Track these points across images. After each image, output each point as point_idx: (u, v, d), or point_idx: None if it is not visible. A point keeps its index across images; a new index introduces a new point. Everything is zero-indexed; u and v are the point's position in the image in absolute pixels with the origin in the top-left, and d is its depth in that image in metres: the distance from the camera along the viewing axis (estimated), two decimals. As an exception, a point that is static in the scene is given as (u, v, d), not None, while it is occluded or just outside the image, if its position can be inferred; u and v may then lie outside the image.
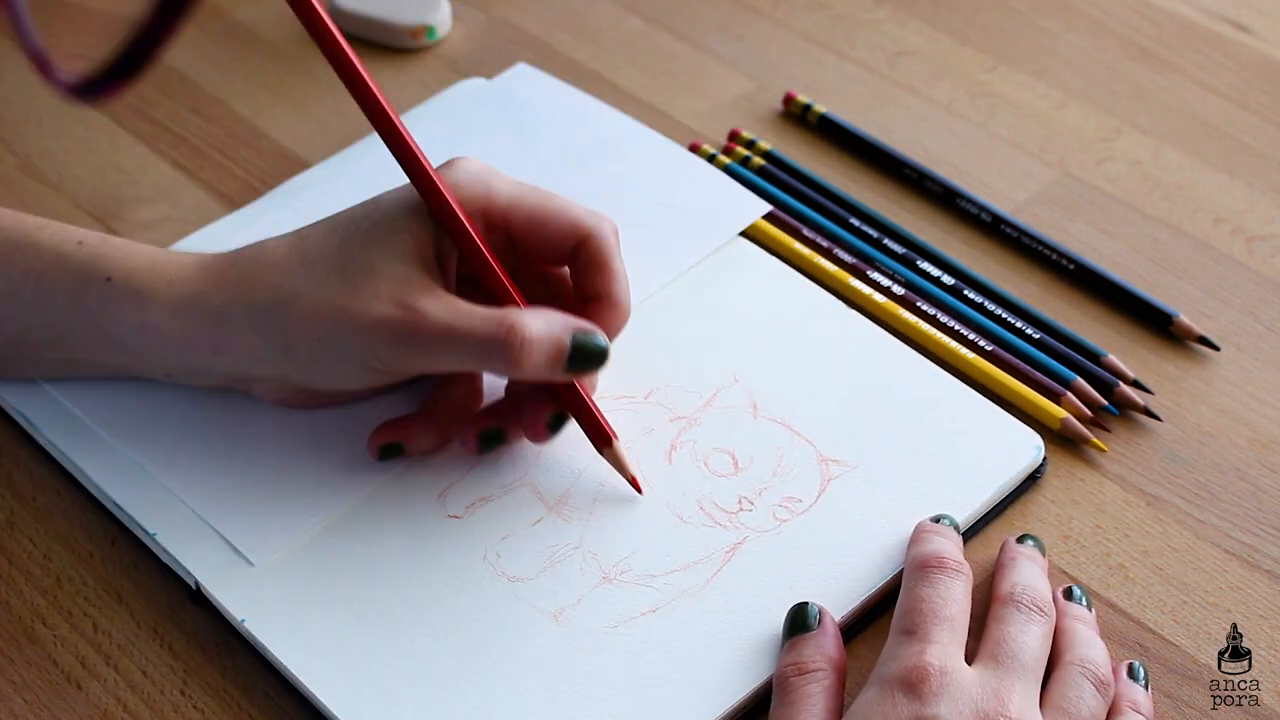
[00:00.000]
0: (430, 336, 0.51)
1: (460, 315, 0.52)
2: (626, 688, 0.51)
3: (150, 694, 0.52)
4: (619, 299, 0.56)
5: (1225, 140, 0.74)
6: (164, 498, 0.56)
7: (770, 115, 0.76)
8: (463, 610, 0.53)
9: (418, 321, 0.51)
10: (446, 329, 0.51)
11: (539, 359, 0.52)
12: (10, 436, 0.60)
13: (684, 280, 0.65)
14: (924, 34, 0.80)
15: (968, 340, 0.63)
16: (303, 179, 0.70)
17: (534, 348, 0.52)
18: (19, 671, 0.53)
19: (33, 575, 0.56)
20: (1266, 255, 0.68)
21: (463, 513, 0.56)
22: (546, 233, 0.55)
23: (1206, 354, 0.63)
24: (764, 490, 0.56)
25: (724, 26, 0.81)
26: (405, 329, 0.51)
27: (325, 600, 0.53)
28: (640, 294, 0.64)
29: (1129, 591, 0.55)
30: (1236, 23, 0.81)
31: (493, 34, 0.81)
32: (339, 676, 0.51)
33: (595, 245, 0.55)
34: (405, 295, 0.52)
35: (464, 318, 0.52)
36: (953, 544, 0.53)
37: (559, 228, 0.55)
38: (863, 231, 0.68)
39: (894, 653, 0.48)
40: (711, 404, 0.60)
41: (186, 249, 0.66)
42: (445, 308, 0.52)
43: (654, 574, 0.54)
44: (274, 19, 0.82)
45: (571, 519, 0.56)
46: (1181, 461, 0.59)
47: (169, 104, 0.76)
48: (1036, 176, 0.72)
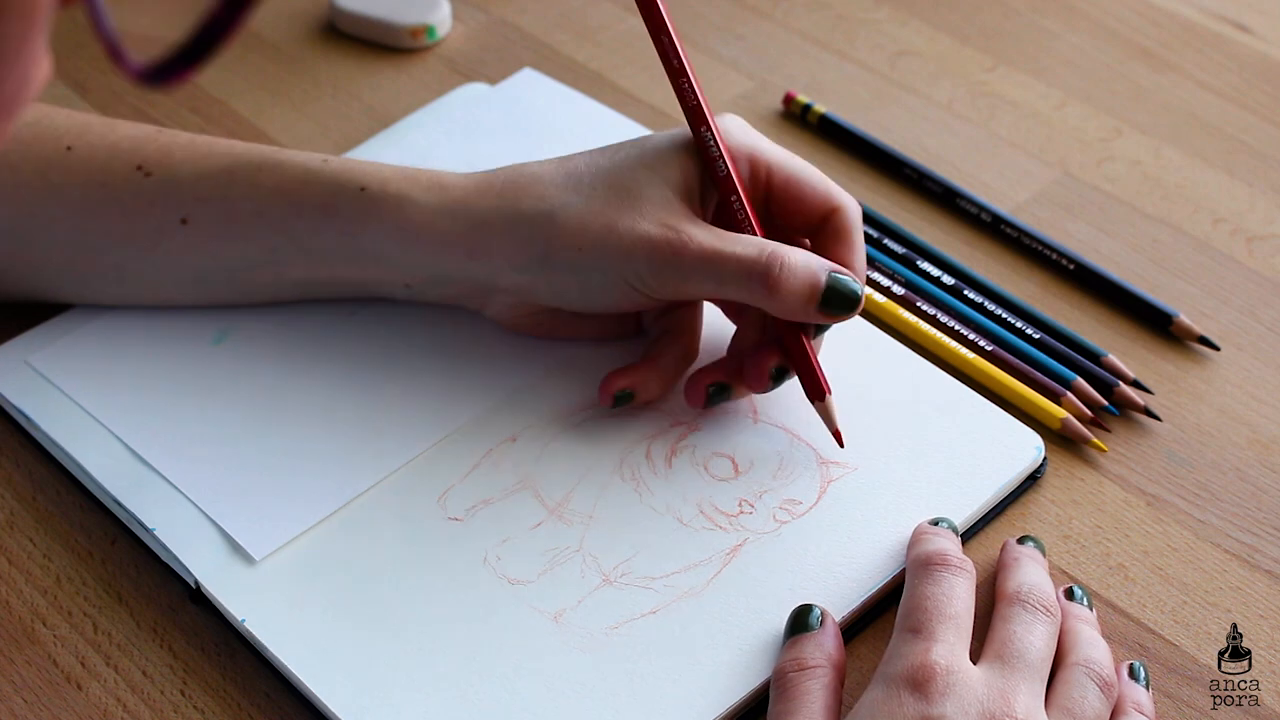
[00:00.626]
0: (695, 257, 0.53)
1: (724, 240, 0.54)
2: (626, 688, 0.51)
3: (150, 694, 0.52)
4: (859, 270, 0.57)
5: (1225, 140, 0.74)
6: (164, 495, 0.56)
7: (770, 115, 0.76)
8: (463, 611, 0.53)
9: (684, 241, 0.53)
10: (712, 251, 0.53)
11: (798, 288, 0.53)
12: (10, 436, 0.60)
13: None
14: (924, 34, 0.80)
15: (968, 340, 0.63)
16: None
17: (794, 276, 0.53)
18: (19, 671, 0.53)
19: (33, 575, 0.56)
20: (1266, 255, 0.68)
21: (463, 515, 0.56)
22: (802, 194, 0.57)
23: (1206, 354, 0.63)
24: (764, 493, 0.56)
25: (724, 26, 0.81)
26: (671, 247, 0.53)
27: (325, 600, 0.53)
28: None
29: (1129, 591, 0.55)
30: (1236, 23, 0.81)
31: (493, 34, 0.81)
32: (339, 676, 0.51)
33: (844, 217, 0.57)
34: (670, 218, 0.54)
35: (728, 243, 0.54)
36: (953, 544, 0.53)
37: (815, 193, 0.57)
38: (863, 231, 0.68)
39: (899, 651, 0.48)
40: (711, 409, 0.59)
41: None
42: (709, 233, 0.54)
43: (654, 576, 0.54)
44: (274, 19, 0.82)
45: (572, 522, 0.56)
46: (1181, 461, 0.59)
47: (169, 104, 0.76)
48: (1036, 176, 0.72)
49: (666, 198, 0.55)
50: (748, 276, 0.53)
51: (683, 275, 0.54)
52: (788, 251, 0.54)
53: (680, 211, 0.55)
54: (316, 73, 0.79)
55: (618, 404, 0.58)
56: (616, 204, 0.54)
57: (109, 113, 0.75)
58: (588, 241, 0.54)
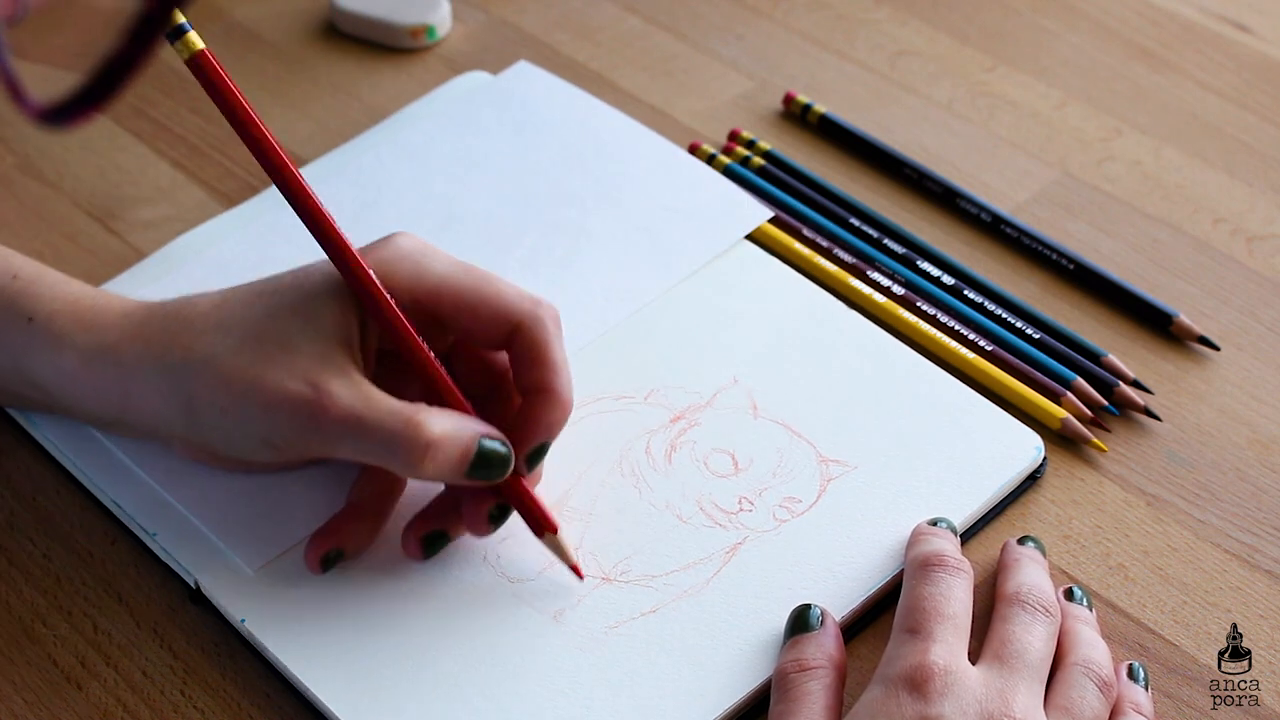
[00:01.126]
0: (334, 422, 0.49)
1: (369, 405, 0.50)
2: (626, 688, 0.51)
3: (150, 694, 0.52)
4: (559, 392, 0.53)
5: (1225, 140, 0.74)
6: (164, 498, 0.56)
7: (770, 115, 0.76)
8: (463, 610, 0.53)
9: (324, 404, 0.49)
10: (353, 417, 0.49)
11: (442, 462, 0.50)
12: (10, 436, 0.60)
13: (684, 281, 0.65)
14: (924, 34, 0.80)
15: (968, 340, 0.63)
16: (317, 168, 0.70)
17: (438, 449, 0.49)
18: (19, 671, 0.53)
19: (33, 575, 0.56)
20: (1266, 255, 0.68)
21: (463, 513, 0.56)
22: (477, 318, 0.52)
23: (1206, 354, 0.63)
24: (764, 491, 0.56)
25: (724, 26, 0.81)
26: (310, 410, 0.49)
27: (325, 600, 0.53)
28: (638, 300, 0.64)
29: (1129, 591, 0.55)
30: (1236, 23, 0.81)
31: (493, 34, 0.81)
32: (339, 676, 0.51)
33: (530, 335, 0.52)
34: (319, 374, 0.50)
35: (372, 408, 0.50)
36: (951, 544, 0.53)
37: (491, 313, 0.52)
38: (863, 231, 0.68)
39: (898, 651, 0.48)
40: (711, 404, 0.60)
41: (186, 246, 0.66)
42: (355, 394, 0.50)
43: (654, 574, 0.54)
44: (274, 19, 0.82)
45: (571, 520, 0.56)
46: (1181, 461, 0.59)
47: (169, 104, 0.76)
48: (1036, 176, 0.72)
49: (320, 350, 0.50)
50: (388, 450, 0.50)
51: (324, 439, 0.50)
52: (434, 422, 0.49)
53: (333, 364, 0.50)
54: (316, 73, 0.79)
55: (327, 567, 0.53)
56: (264, 357, 0.50)
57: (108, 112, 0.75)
58: (229, 400, 0.50)
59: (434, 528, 0.54)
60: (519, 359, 0.53)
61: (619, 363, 0.61)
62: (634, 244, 0.65)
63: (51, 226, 0.70)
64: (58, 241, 0.69)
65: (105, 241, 0.69)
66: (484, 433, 0.51)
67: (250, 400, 0.50)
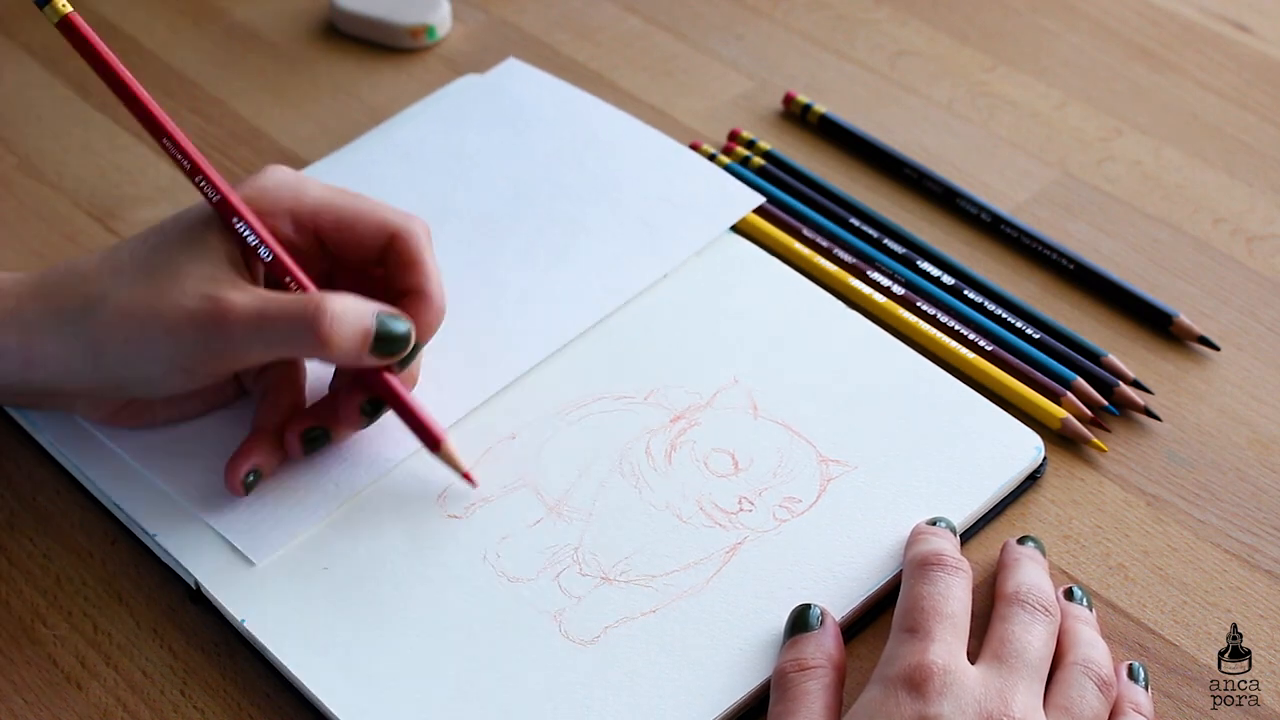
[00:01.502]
0: (238, 323, 0.52)
1: (267, 300, 0.52)
2: (627, 688, 0.51)
3: (150, 694, 0.52)
4: (432, 293, 0.56)
5: (1225, 140, 0.74)
6: (164, 498, 0.56)
7: (770, 115, 0.76)
8: (463, 610, 0.53)
9: (223, 310, 0.52)
10: (254, 314, 0.52)
11: (347, 334, 0.52)
12: (10, 436, 0.60)
13: (684, 280, 0.65)
14: (924, 34, 0.80)
15: (968, 340, 0.63)
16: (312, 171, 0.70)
17: (341, 323, 0.52)
18: (19, 671, 0.53)
19: (33, 575, 0.56)
20: (1266, 255, 0.68)
21: (462, 513, 0.56)
22: (355, 233, 0.56)
23: (1206, 354, 0.63)
24: (764, 490, 0.56)
25: (724, 26, 0.81)
26: (212, 319, 0.52)
27: (325, 600, 0.53)
28: (636, 287, 0.64)
29: (1129, 591, 0.55)
30: (1236, 23, 0.81)
31: (493, 34, 0.81)
32: (339, 676, 0.51)
33: (404, 243, 0.56)
34: (212, 289, 0.52)
35: (270, 302, 0.52)
36: (950, 543, 0.53)
37: (367, 227, 0.56)
38: (863, 231, 0.68)
39: (896, 651, 0.48)
40: (711, 404, 0.60)
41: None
42: (252, 296, 0.52)
43: (654, 574, 0.54)
44: (274, 19, 0.82)
45: (571, 520, 0.56)
46: (1181, 461, 0.59)
47: (169, 104, 0.76)
48: (1036, 176, 0.72)
49: (209, 272, 0.53)
50: (294, 332, 0.52)
51: (231, 344, 0.52)
52: (333, 299, 0.52)
53: (224, 280, 0.53)
54: (316, 73, 0.79)
55: (249, 489, 0.55)
56: (157, 286, 0.52)
57: (108, 113, 0.75)
58: (131, 329, 0.52)
59: (312, 423, 0.56)
60: (394, 266, 0.56)
61: (619, 362, 0.61)
62: (628, 233, 0.65)
63: (51, 226, 0.70)
64: (58, 241, 0.69)
65: (105, 241, 0.69)
66: (381, 308, 0.54)
67: (152, 325, 0.52)
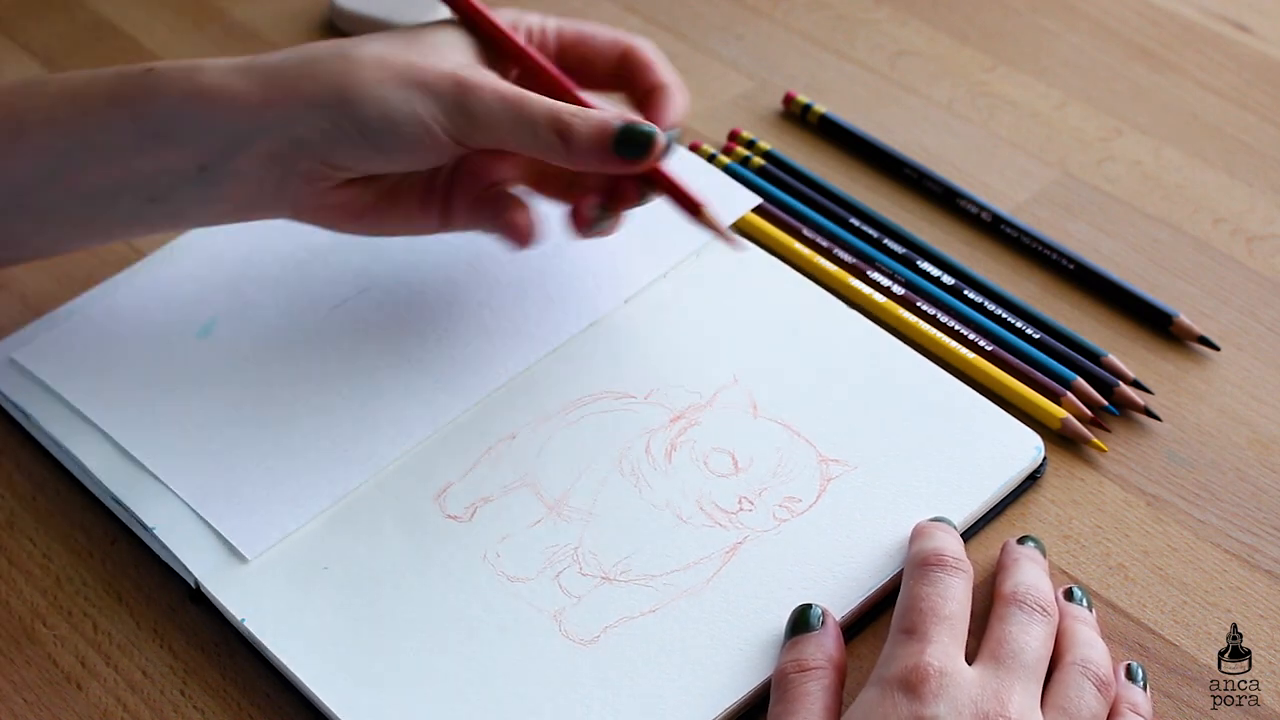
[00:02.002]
0: (493, 97, 0.54)
1: (517, 90, 0.55)
2: (627, 687, 0.51)
3: (150, 694, 0.52)
4: (671, 83, 0.59)
5: (1225, 140, 0.74)
6: (163, 492, 0.56)
7: (770, 115, 0.76)
8: (463, 610, 0.53)
9: (477, 82, 0.54)
10: (511, 93, 0.54)
11: (591, 133, 0.54)
12: (10, 436, 0.60)
13: (684, 280, 0.65)
14: (924, 34, 0.80)
15: (968, 340, 0.63)
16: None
17: (586, 121, 0.54)
18: (19, 671, 0.53)
19: (33, 575, 0.56)
20: (1266, 255, 0.68)
21: (462, 513, 0.56)
22: (592, 45, 0.60)
23: (1206, 354, 0.63)
24: (764, 490, 0.56)
25: (724, 26, 0.81)
26: (466, 85, 0.54)
27: (325, 600, 0.53)
28: (632, 288, 0.64)
29: (1129, 591, 0.55)
30: (1236, 23, 0.81)
31: (493, 34, 0.81)
32: (339, 675, 0.51)
33: (640, 52, 0.60)
34: (468, 69, 0.56)
35: (526, 94, 0.55)
36: (953, 540, 0.53)
37: (602, 39, 0.60)
38: (863, 231, 0.68)
39: (894, 652, 0.48)
40: (711, 404, 0.60)
41: (185, 247, 0.66)
42: (506, 83, 0.55)
43: (654, 574, 0.54)
44: (274, 19, 0.82)
45: (571, 519, 0.56)
46: (1181, 461, 0.59)
47: (169, 104, 0.76)
48: (1036, 176, 0.72)
49: (465, 61, 0.56)
50: (542, 125, 0.54)
51: (481, 113, 0.54)
52: (578, 104, 0.56)
53: (480, 66, 0.56)
54: (316, 73, 0.78)
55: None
56: (418, 50, 0.55)
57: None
58: (389, 75, 0.54)
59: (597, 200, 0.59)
60: (634, 73, 0.60)
61: (619, 361, 0.61)
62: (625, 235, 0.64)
63: (51, 226, 0.70)
64: (58, 241, 0.69)
65: (105, 241, 0.69)
66: (623, 115, 0.56)
67: (410, 76, 0.54)
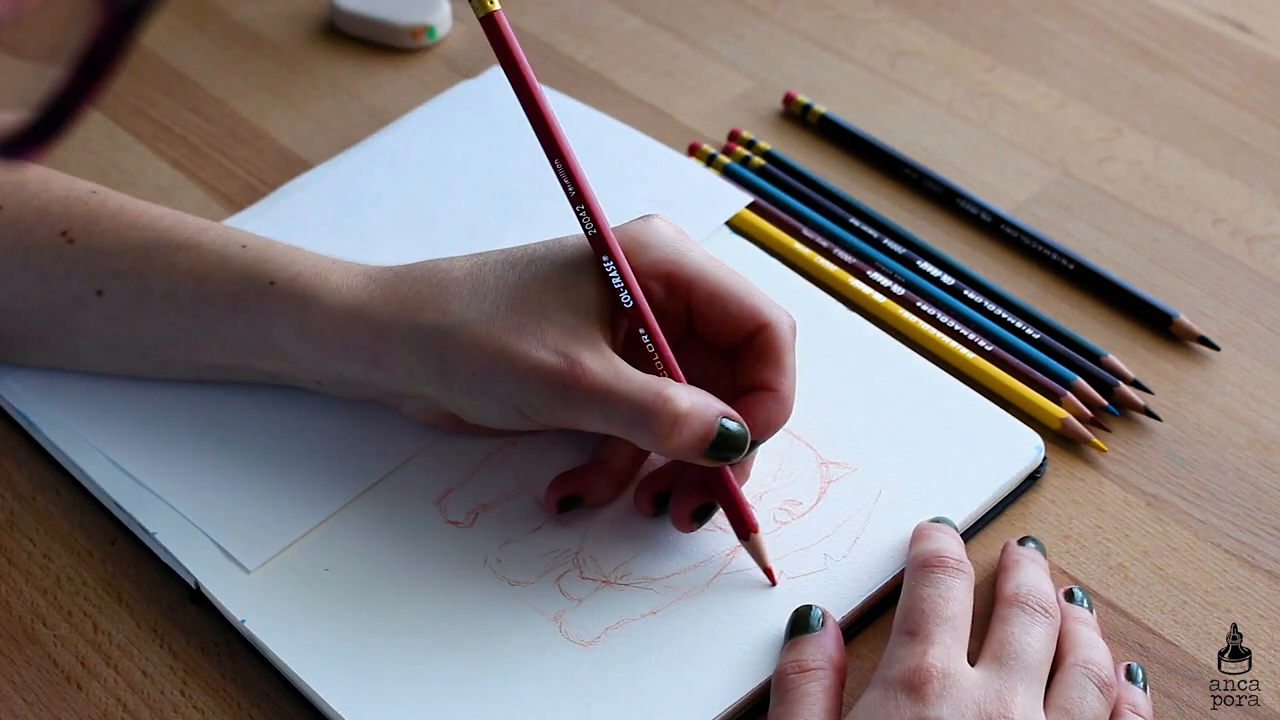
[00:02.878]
0: (585, 393, 0.50)
1: (619, 377, 0.51)
2: (627, 688, 0.51)
3: (150, 694, 0.52)
4: (785, 394, 0.54)
5: (1225, 140, 0.74)
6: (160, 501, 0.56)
7: (770, 115, 0.76)
8: (463, 611, 0.53)
9: (575, 375, 0.50)
10: (603, 389, 0.50)
11: (687, 436, 0.51)
12: (10, 436, 0.60)
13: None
14: (924, 34, 0.80)
15: (968, 340, 0.63)
16: (303, 179, 0.70)
17: (684, 424, 0.50)
18: (19, 671, 0.53)
19: (33, 575, 0.56)
20: (1266, 255, 0.68)
21: (463, 519, 0.56)
22: (727, 312, 0.53)
23: (1206, 354, 0.63)
24: (764, 494, 0.56)
25: (724, 26, 0.81)
26: (562, 380, 0.50)
27: (326, 601, 0.53)
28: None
29: (1129, 591, 0.55)
30: (1236, 23, 0.81)
31: (493, 34, 0.81)
32: (340, 677, 0.51)
33: (773, 335, 0.53)
34: (570, 346, 0.51)
35: (622, 381, 0.51)
36: (954, 542, 0.53)
37: (741, 310, 0.53)
38: (863, 231, 0.68)
39: (896, 654, 0.48)
40: None
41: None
42: (606, 366, 0.51)
43: (654, 577, 0.54)
44: (274, 19, 0.82)
45: (572, 524, 0.56)
46: (1181, 461, 0.59)
47: (169, 104, 0.76)
48: (1036, 176, 0.72)
49: (572, 323, 0.52)
50: (636, 420, 0.50)
51: (573, 410, 0.51)
52: (682, 397, 0.51)
53: (585, 337, 0.51)
54: (316, 73, 0.79)
55: (563, 510, 0.55)
56: (518, 326, 0.51)
57: (108, 112, 0.75)
58: (481, 365, 0.51)
59: (663, 489, 0.55)
60: (755, 358, 0.54)
61: None
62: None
63: (51, 226, 0.70)
64: (58, 241, 0.69)
65: (105, 241, 0.69)
66: (725, 412, 0.52)
67: (503, 367, 0.51)
